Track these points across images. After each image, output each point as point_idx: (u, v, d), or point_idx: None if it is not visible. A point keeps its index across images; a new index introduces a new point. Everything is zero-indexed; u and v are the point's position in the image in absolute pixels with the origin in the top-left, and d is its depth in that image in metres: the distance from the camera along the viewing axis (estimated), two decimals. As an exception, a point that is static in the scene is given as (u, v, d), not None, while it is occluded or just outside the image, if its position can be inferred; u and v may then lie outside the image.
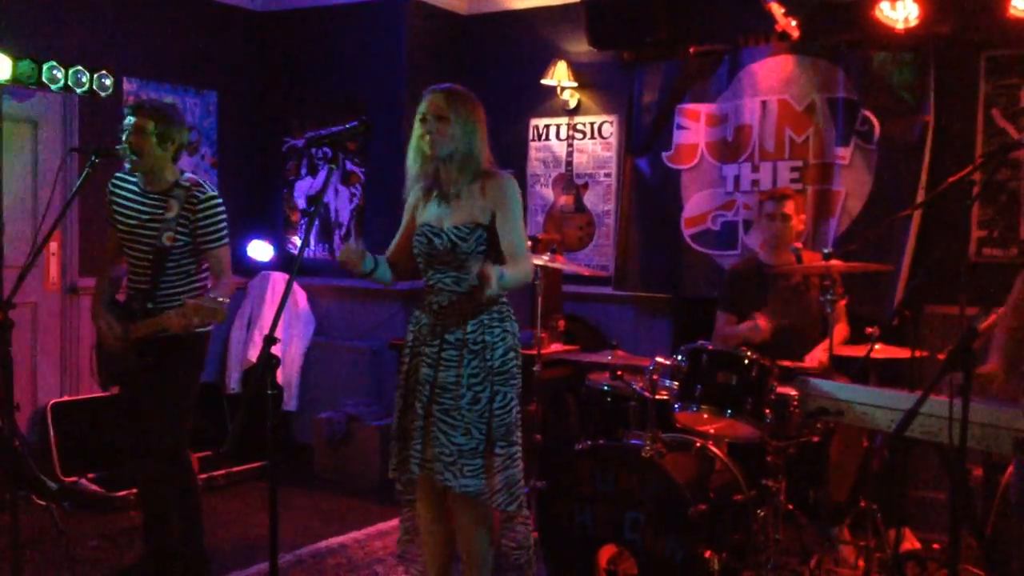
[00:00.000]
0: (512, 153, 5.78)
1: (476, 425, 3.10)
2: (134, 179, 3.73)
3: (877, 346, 3.64)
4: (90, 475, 5.02)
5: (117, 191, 3.75)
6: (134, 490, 4.88)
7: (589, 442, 3.76)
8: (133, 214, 3.69)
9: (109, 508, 4.81)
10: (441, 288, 3.19)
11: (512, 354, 3.21)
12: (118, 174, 3.79)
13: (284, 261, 6.24)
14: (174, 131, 3.66)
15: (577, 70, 5.64)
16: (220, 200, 3.71)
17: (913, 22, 4.55)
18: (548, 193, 5.84)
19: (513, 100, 5.85)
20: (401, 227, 3.41)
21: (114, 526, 4.61)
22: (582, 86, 5.71)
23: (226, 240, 3.71)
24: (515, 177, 3.26)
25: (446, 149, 3.13)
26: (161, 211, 3.64)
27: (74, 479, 4.97)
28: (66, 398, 5.29)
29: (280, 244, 6.30)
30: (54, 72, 5.04)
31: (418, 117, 3.18)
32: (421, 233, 3.22)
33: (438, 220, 3.20)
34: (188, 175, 3.74)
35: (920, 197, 4.60)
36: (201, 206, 3.63)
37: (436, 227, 3.18)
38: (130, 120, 3.62)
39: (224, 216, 3.70)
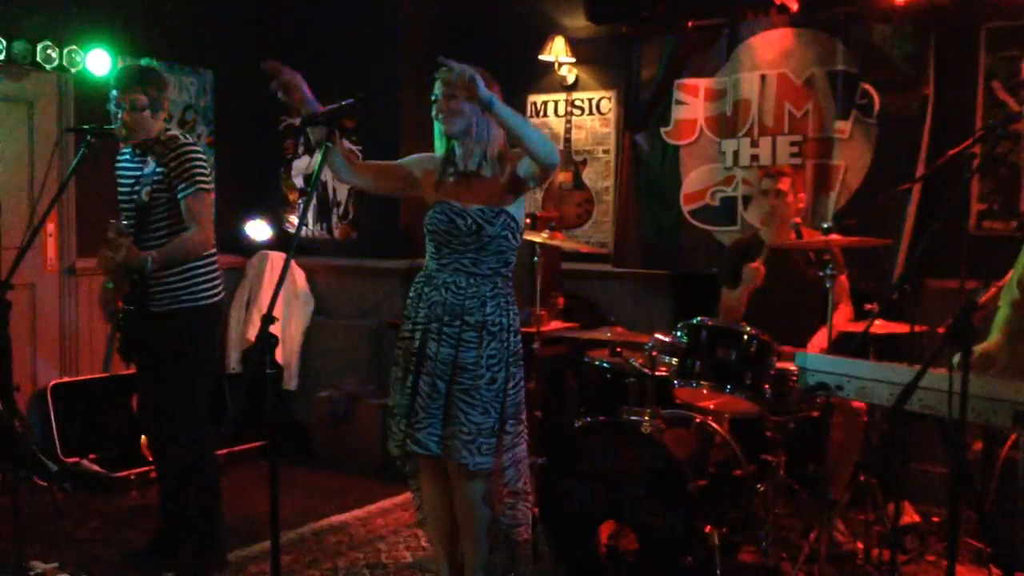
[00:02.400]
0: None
1: (492, 405, 3.12)
2: (128, 148, 3.71)
3: (876, 322, 3.63)
4: (91, 456, 5.03)
5: (120, 163, 3.74)
6: (135, 471, 4.90)
7: (588, 419, 3.76)
8: (125, 179, 3.67)
9: (110, 489, 4.82)
10: (459, 268, 3.15)
11: (520, 336, 3.24)
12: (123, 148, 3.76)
13: (282, 240, 6.23)
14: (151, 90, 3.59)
15: (575, 45, 5.59)
16: (195, 149, 3.58)
17: (913, -6, 4.52)
18: (546, 170, 5.80)
19: (510, 76, 5.73)
20: (391, 163, 3.39)
21: (115, 507, 4.62)
22: (580, 62, 5.66)
23: (199, 187, 3.54)
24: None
25: (459, 125, 3.12)
26: (140, 168, 3.61)
27: (75, 460, 4.99)
28: (66, 379, 5.28)
29: (278, 223, 6.28)
30: (49, 52, 5.02)
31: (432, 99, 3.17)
32: (441, 211, 3.16)
33: (457, 197, 3.16)
34: (170, 131, 3.65)
35: (920, 170, 4.58)
36: (172, 154, 3.54)
37: (457, 206, 3.14)
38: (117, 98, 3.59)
39: (197, 163, 3.55)
